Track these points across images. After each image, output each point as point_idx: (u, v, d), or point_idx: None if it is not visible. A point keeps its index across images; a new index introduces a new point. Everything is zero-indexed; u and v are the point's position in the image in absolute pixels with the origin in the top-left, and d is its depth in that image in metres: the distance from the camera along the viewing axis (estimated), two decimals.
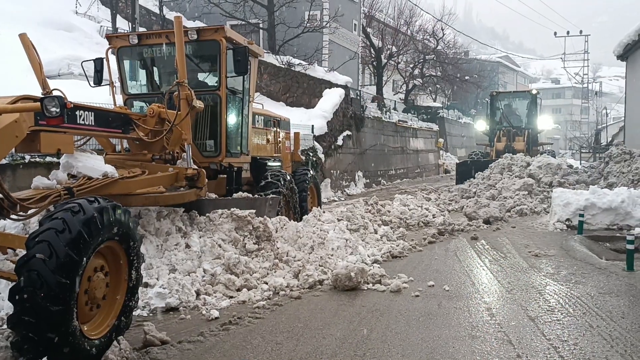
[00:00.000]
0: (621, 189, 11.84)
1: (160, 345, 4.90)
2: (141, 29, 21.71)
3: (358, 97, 27.40)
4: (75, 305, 4.08)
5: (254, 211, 7.72)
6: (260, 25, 27.86)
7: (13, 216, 4.94)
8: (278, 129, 11.83)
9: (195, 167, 7.76)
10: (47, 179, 5.59)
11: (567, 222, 11.51)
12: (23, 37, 6.73)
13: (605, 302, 6.25)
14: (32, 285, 3.83)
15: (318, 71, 24.43)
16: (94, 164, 5.96)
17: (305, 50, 26.24)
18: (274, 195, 8.83)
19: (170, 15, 27.09)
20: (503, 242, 10.28)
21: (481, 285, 7.18)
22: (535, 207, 14.34)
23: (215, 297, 6.38)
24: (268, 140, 11.23)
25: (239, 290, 6.61)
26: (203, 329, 5.36)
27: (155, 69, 9.32)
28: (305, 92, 23.74)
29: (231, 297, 6.43)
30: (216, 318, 5.73)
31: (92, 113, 6.03)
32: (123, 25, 24.39)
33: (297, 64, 24.20)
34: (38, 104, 4.71)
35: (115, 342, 4.39)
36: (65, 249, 3.94)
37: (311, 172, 12.01)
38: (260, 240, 7.63)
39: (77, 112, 5.69)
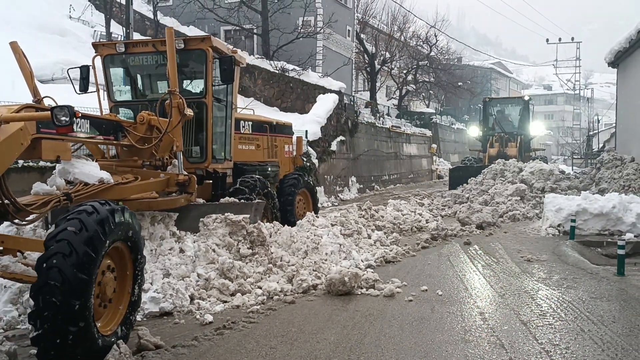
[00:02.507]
0: (612, 195, 11.93)
1: (154, 349, 4.91)
2: (135, 34, 21.72)
3: (352, 103, 27.48)
4: (92, 299, 4.34)
5: (248, 216, 7.74)
6: (255, 31, 27.93)
7: (16, 220, 5.18)
8: (274, 134, 11.85)
9: (186, 173, 7.90)
10: (46, 184, 5.74)
11: (559, 228, 11.59)
12: (14, 45, 6.85)
13: (596, 307, 6.30)
14: (53, 280, 4.07)
15: (312, 77, 24.50)
16: (90, 171, 6.12)
17: (299, 56, 26.32)
18: (260, 200, 8.94)
19: (164, 20, 27.12)
20: (496, 247, 10.33)
21: (474, 289, 7.22)
22: (527, 213, 14.42)
23: (210, 301, 6.39)
24: (258, 146, 11.29)
25: (233, 294, 6.62)
26: (197, 334, 5.37)
27: (142, 76, 9.49)
28: (299, 97, 23.81)
29: (225, 301, 6.45)
30: (210, 322, 5.74)
31: (88, 121, 6.16)
32: (117, 30, 24.38)
33: (291, 70, 24.28)
34: (48, 113, 4.91)
35: (115, 347, 4.45)
36: (83, 247, 4.21)
37: (304, 176, 11.98)
38: (254, 245, 7.65)
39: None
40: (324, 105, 22.56)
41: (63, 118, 4.86)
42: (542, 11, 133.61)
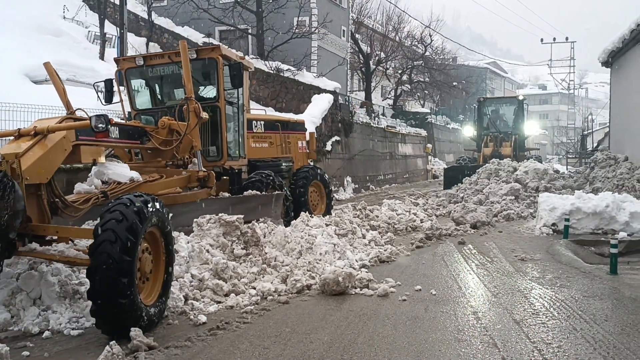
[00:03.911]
0: (606, 194, 11.96)
1: (147, 350, 4.89)
2: (129, 35, 21.68)
3: (347, 103, 27.47)
4: (136, 277, 5.14)
5: (242, 216, 7.80)
6: (249, 31, 27.90)
7: (64, 216, 6.00)
8: (287, 131, 12.58)
9: (205, 169, 8.72)
10: (86, 185, 6.64)
11: (553, 227, 11.61)
12: (47, 66, 7.68)
13: (589, 305, 6.32)
14: (104, 264, 4.87)
15: (307, 77, 24.50)
16: (121, 171, 6.99)
17: (294, 56, 26.33)
18: (279, 192, 9.75)
19: (158, 20, 27.08)
20: (490, 246, 10.35)
21: (468, 289, 7.24)
22: (521, 212, 14.45)
23: (203, 302, 6.38)
24: (271, 143, 12.08)
25: (226, 295, 6.61)
26: (191, 334, 5.36)
27: (160, 86, 10.29)
28: (294, 97, 23.80)
29: (219, 302, 6.44)
30: (204, 323, 5.73)
31: (117, 128, 7.17)
32: (111, 30, 24.34)
33: (286, 70, 24.26)
34: (87, 121, 5.69)
35: (107, 347, 4.45)
36: (125, 234, 4.97)
37: (317, 169, 12.60)
38: (249, 245, 7.65)
39: None
40: (319, 105, 22.56)
41: (100, 125, 5.55)
42: (537, 11, 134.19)
